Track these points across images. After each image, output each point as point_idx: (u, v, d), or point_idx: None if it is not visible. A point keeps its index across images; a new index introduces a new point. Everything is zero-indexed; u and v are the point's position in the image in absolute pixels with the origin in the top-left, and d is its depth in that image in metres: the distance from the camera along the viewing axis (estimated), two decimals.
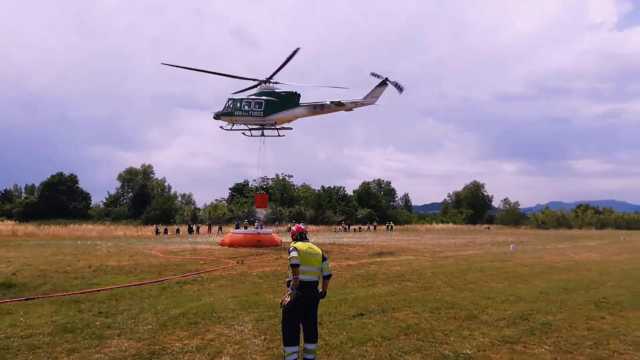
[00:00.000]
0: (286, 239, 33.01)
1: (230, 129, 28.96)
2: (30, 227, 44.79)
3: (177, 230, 51.68)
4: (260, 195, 30.92)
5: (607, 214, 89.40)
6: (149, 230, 51.94)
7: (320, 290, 6.02)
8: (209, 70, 27.55)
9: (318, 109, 27.29)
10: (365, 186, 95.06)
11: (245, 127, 29.04)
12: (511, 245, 28.35)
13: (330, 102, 26.78)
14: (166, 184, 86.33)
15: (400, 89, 25.64)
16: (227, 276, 13.92)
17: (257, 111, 27.37)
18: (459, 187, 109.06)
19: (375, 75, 25.45)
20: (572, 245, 31.76)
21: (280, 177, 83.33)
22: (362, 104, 26.30)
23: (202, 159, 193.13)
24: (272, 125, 28.07)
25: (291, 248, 5.85)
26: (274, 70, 27.43)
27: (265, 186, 30.38)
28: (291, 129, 29.31)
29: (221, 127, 29.05)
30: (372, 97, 25.89)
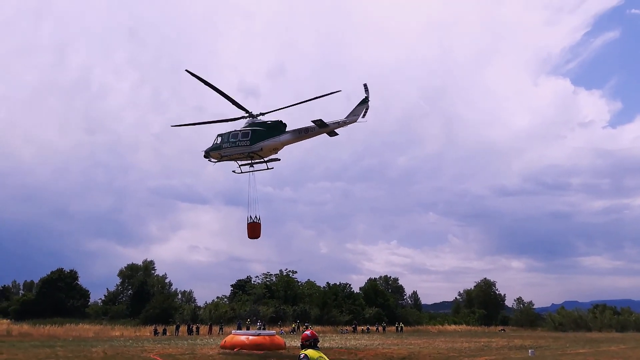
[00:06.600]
0: (289, 341, 31.54)
1: (219, 161, 29.17)
2: (25, 327, 43.19)
3: (177, 331, 49.41)
4: (253, 224, 27.33)
5: (627, 314, 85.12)
6: (148, 330, 49.79)
7: None
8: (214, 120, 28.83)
9: (302, 133, 27.41)
10: (372, 283, 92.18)
11: (234, 164, 29.17)
12: (530, 350, 26.70)
13: (312, 121, 26.25)
14: (167, 280, 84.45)
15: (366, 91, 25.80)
16: None
17: (244, 141, 27.84)
18: (468, 284, 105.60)
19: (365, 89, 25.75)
20: (594, 350, 29.84)
21: (284, 273, 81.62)
22: (345, 123, 26.31)
23: (203, 254, 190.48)
24: (259, 151, 27.96)
25: (301, 356, 5.72)
26: (271, 110, 28.14)
27: (257, 217, 28.46)
28: (279, 159, 29.34)
29: (210, 160, 29.27)
30: (353, 116, 26.07)
